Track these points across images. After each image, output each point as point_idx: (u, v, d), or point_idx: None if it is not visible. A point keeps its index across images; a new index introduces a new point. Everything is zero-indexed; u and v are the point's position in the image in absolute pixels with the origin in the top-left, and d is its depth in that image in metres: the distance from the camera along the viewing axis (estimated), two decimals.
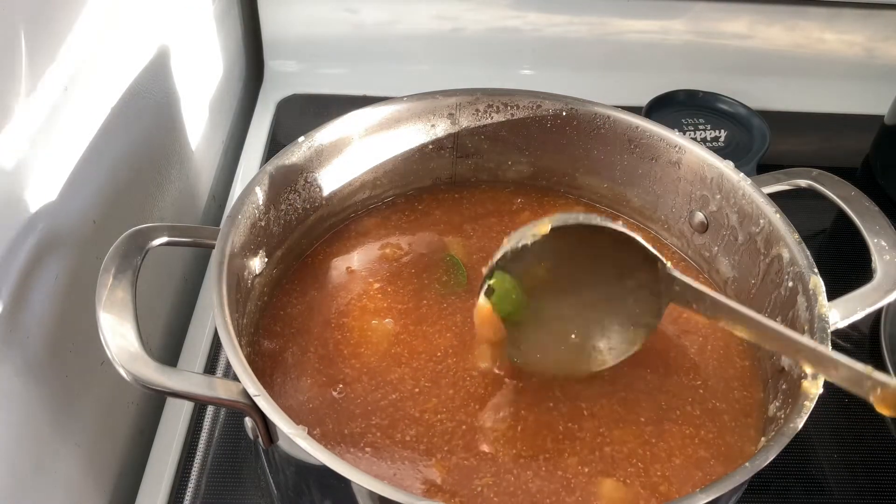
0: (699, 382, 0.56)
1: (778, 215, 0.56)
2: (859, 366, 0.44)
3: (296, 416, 0.52)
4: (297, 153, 0.59)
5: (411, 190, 0.68)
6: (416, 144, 0.65)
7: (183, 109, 0.75)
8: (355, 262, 0.63)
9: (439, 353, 0.57)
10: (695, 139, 0.65)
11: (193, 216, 0.81)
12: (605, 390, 0.55)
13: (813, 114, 0.97)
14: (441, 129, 0.65)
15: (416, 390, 0.55)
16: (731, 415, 0.55)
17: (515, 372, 0.55)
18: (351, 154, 0.62)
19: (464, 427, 0.53)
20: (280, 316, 0.59)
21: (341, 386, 0.55)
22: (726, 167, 0.59)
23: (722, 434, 0.54)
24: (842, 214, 0.57)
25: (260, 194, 0.56)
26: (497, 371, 0.55)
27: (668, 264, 0.52)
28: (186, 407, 0.67)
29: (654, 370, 0.56)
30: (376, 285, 0.61)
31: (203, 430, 0.66)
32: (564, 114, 0.64)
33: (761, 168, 0.81)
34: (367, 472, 0.41)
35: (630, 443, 0.52)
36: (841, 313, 0.52)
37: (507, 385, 0.55)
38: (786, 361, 0.53)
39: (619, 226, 0.52)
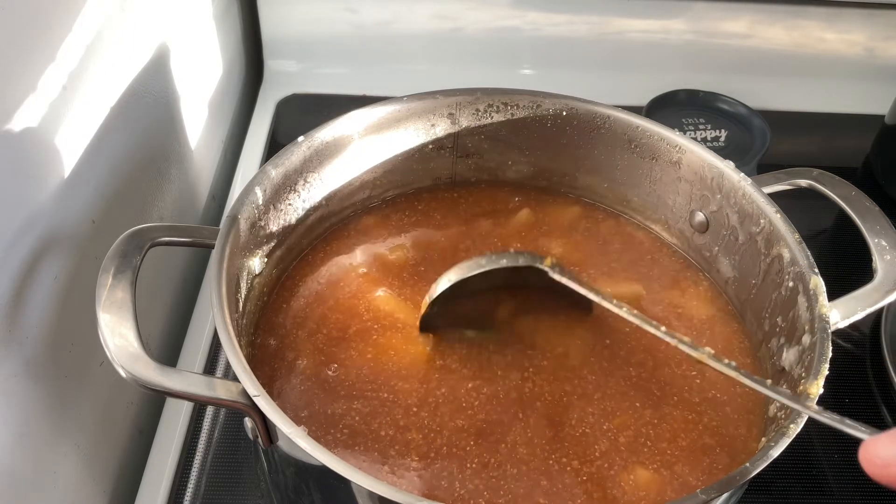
0: (698, 379, 0.56)
1: (778, 215, 0.56)
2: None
3: (294, 416, 0.52)
4: (296, 153, 0.59)
5: (411, 190, 0.68)
6: (416, 144, 0.65)
7: (183, 109, 0.75)
8: (356, 263, 0.63)
9: None
10: (695, 139, 0.65)
11: (193, 216, 0.81)
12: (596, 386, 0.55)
13: (813, 114, 0.97)
14: (441, 128, 0.65)
15: (416, 393, 0.54)
16: (732, 406, 0.55)
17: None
18: (351, 154, 0.62)
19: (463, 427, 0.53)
20: (280, 316, 0.59)
21: (341, 384, 0.55)
22: (727, 167, 0.59)
23: (724, 424, 0.54)
24: (842, 214, 0.57)
25: (260, 194, 0.56)
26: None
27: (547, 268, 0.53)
28: (186, 407, 0.67)
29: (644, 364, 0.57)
30: (377, 285, 0.61)
31: (203, 430, 0.66)
32: (564, 114, 0.64)
33: (761, 168, 0.80)
34: (365, 467, 0.41)
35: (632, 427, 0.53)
36: (842, 313, 0.52)
37: (499, 391, 0.55)
38: (786, 362, 0.53)
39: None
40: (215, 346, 0.71)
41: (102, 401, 0.61)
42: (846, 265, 0.65)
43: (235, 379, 0.45)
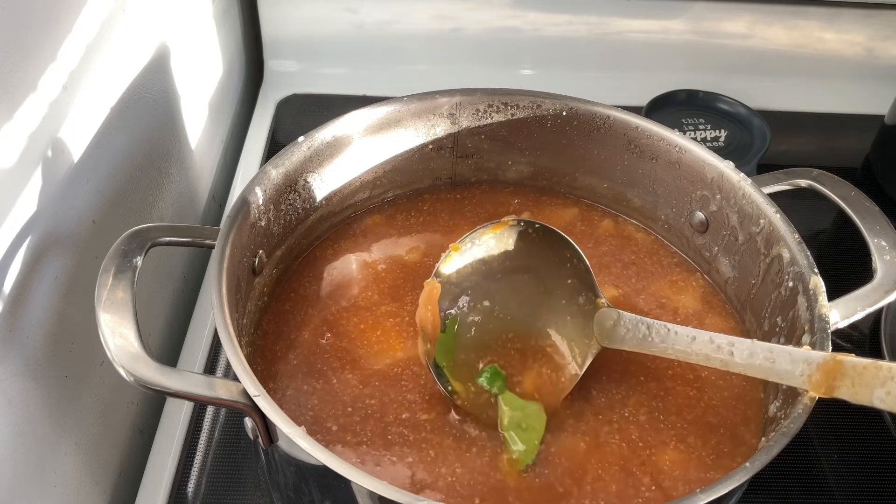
0: (696, 385, 0.57)
1: (778, 215, 0.56)
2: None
3: (295, 416, 0.52)
4: (297, 153, 0.59)
5: (411, 190, 0.68)
6: (416, 144, 0.65)
7: (183, 109, 0.75)
8: (355, 262, 0.63)
9: None
10: (695, 139, 0.65)
11: (193, 216, 0.81)
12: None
13: (813, 114, 0.97)
14: (441, 129, 0.65)
15: (415, 392, 0.54)
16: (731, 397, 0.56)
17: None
18: (351, 154, 0.62)
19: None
20: (280, 316, 0.59)
21: (342, 384, 0.55)
22: (726, 167, 0.59)
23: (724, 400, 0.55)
24: (842, 214, 0.57)
25: (260, 194, 0.56)
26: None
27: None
28: (186, 407, 0.67)
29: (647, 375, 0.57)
30: (377, 285, 0.61)
31: (203, 430, 0.66)
32: (564, 114, 0.64)
33: (761, 168, 0.81)
34: (365, 464, 0.41)
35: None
36: (841, 313, 0.52)
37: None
38: None
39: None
40: (215, 346, 0.71)
41: (102, 401, 0.61)
42: (846, 265, 0.65)
43: (235, 379, 0.45)
